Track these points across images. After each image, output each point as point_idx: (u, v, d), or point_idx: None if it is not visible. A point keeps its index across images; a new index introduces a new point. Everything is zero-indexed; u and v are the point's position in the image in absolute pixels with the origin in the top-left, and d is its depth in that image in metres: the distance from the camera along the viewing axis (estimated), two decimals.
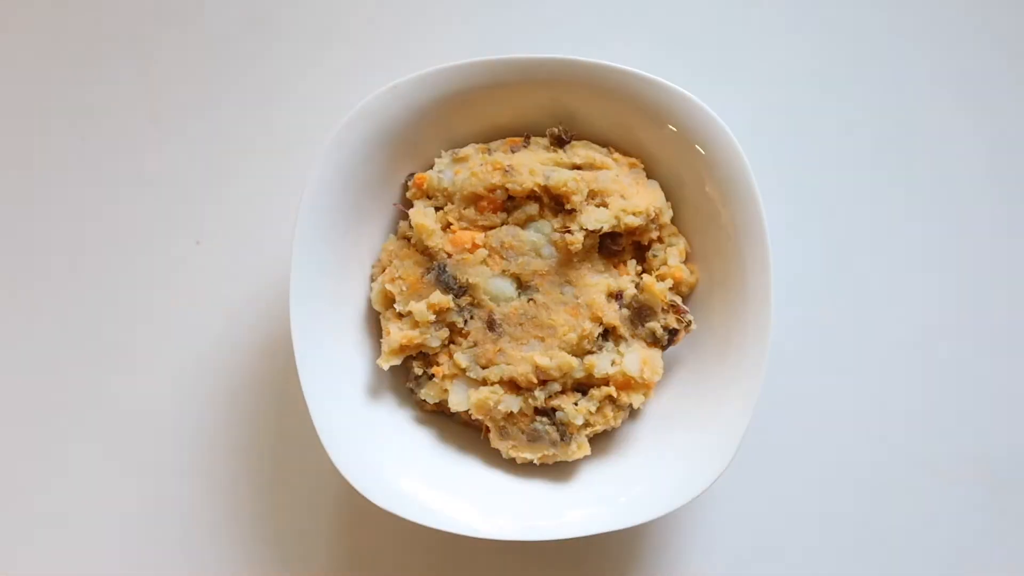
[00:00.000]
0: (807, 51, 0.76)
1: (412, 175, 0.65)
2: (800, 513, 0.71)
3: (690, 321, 0.63)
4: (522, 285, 0.63)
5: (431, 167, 0.66)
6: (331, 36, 0.76)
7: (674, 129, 0.62)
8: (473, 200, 0.63)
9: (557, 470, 0.64)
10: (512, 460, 0.63)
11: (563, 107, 0.65)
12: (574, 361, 0.61)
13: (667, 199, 0.65)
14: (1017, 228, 0.73)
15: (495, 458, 0.64)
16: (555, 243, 0.63)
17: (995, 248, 0.73)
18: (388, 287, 0.63)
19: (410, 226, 0.64)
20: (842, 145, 0.74)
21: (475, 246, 0.63)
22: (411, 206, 0.65)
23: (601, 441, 0.64)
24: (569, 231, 0.62)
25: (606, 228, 0.62)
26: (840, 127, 0.75)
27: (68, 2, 0.76)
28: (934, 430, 0.72)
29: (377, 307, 0.64)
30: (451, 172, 0.64)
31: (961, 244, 0.73)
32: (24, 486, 0.71)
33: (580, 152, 0.64)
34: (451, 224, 0.64)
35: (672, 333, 0.63)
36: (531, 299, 0.63)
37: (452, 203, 0.64)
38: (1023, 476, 0.71)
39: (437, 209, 0.64)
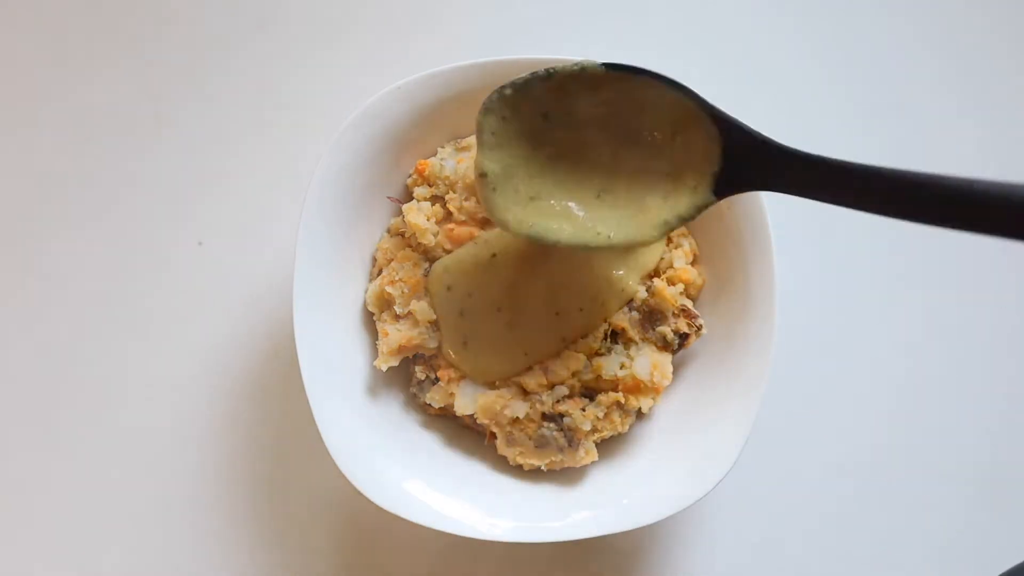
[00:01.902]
0: (812, 52, 0.76)
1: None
2: (802, 514, 0.71)
3: (700, 325, 0.63)
4: None
5: None
6: (335, 37, 0.75)
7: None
8: (474, 189, 0.62)
9: (563, 473, 0.63)
10: (519, 465, 0.63)
11: None
12: (581, 359, 0.61)
13: None
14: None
15: (500, 460, 0.64)
16: None
17: (997, 251, 0.74)
18: (388, 289, 0.63)
19: (403, 222, 0.63)
20: (846, 146, 0.75)
21: None
22: (409, 198, 0.65)
23: (606, 442, 0.64)
24: None
25: None
26: (844, 128, 0.75)
27: (70, 2, 0.76)
28: (935, 431, 0.72)
29: (372, 309, 0.64)
30: (453, 161, 0.64)
31: (963, 247, 0.74)
32: (24, 488, 0.71)
33: None
34: (452, 214, 0.63)
35: (683, 337, 0.62)
36: None
37: (453, 192, 0.63)
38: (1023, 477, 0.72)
39: (437, 199, 0.64)
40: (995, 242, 0.73)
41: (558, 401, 0.61)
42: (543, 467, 0.62)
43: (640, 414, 0.63)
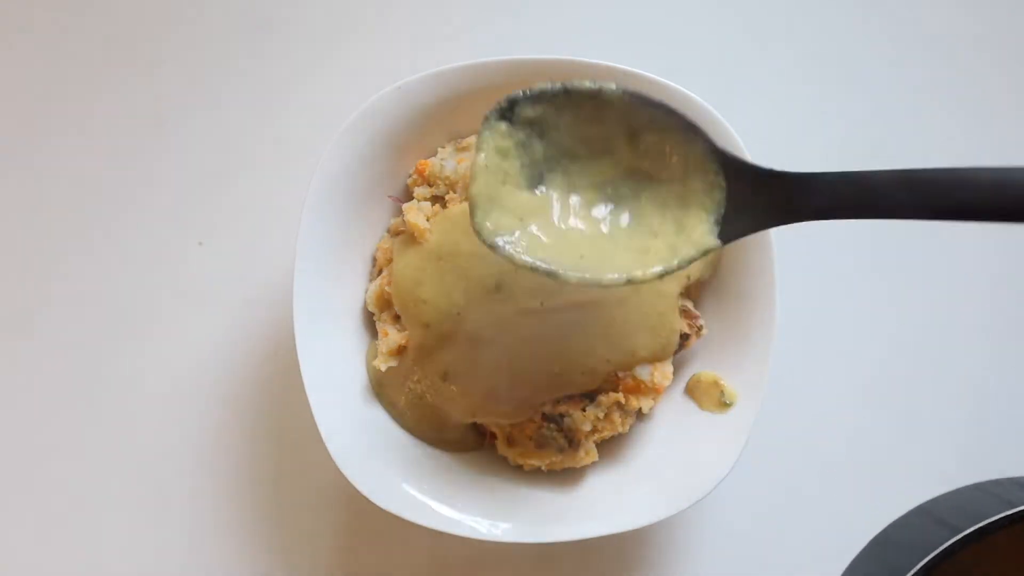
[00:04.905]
0: (812, 53, 0.76)
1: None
2: (805, 515, 0.71)
3: (701, 326, 0.63)
4: None
5: None
6: (335, 37, 0.75)
7: None
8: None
9: (563, 474, 0.63)
10: (519, 465, 0.63)
11: None
12: None
13: None
14: (1020, 228, 0.74)
15: (500, 460, 0.64)
16: None
17: (999, 248, 0.74)
18: (388, 289, 0.63)
19: (403, 221, 0.63)
20: (847, 147, 0.75)
21: None
22: (410, 198, 0.65)
23: (607, 443, 0.64)
24: None
25: None
26: (845, 129, 0.75)
27: (72, 4, 0.76)
28: (940, 432, 0.72)
29: (372, 309, 0.64)
30: (453, 161, 0.64)
31: (965, 244, 0.74)
32: (24, 487, 0.71)
33: None
34: None
35: (683, 338, 0.62)
36: None
37: (454, 191, 0.63)
38: None
39: (437, 199, 0.64)
40: (999, 242, 0.73)
41: (558, 401, 0.61)
42: (543, 467, 0.62)
43: (640, 414, 0.63)
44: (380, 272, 0.64)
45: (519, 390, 0.60)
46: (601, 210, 0.51)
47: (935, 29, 0.76)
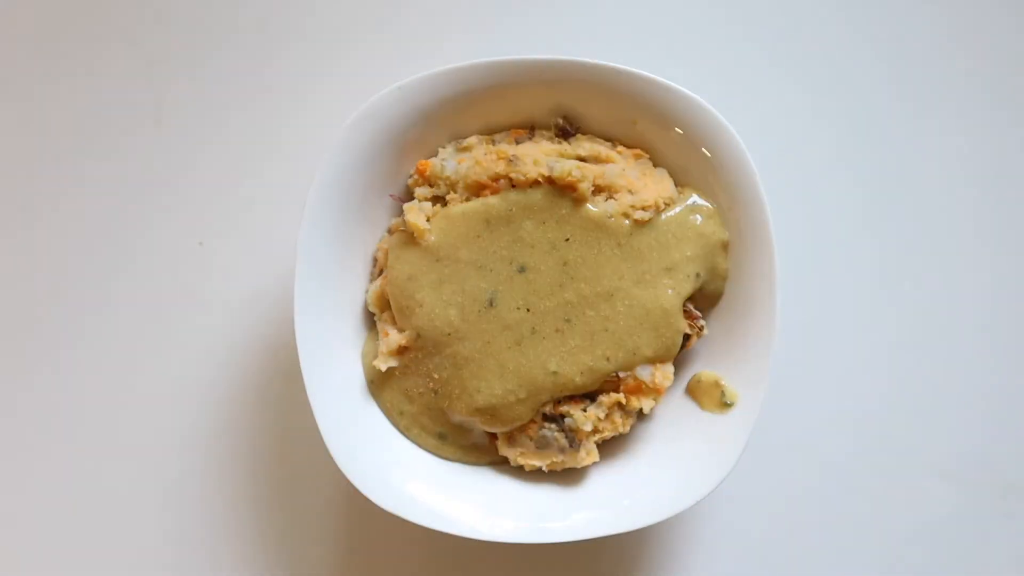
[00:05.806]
0: (812, 54, 0.76)
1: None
2: (805, 515, 0.71)
3: (702, 326, 0.63)
4: None
5: None
6: (335, 38, 0.75)
7: (680, 132, 0.62)
8: (476, 189, 0.62)
9: (564, 474, 0.63)
10: (520, 466, 0.63)
11: (568, 108, 0.65)
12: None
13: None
14: (1017, 229, 0.74)
15: (500, 461, 0.64)
16: None
17: (1000, 249, 0.74)
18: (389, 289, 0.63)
19: (403, 221, 0.63)
20: (847, 148, 0.75)
21: None
22: (410, 198, 0.64)
23: (608, 443, 0.64)
24: None
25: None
26: (845, 130, 0.75)
27: (73, 4, 0.76)
28: (940, 433, 0.72)
29: (373, 309, 0.64)
30: (454, 161, 0.64)
31: (966, 246, 0.74)
32: (26, 486, 0.71)
33: (585, 145, 0.64)
34: None
35: (685, 338, 0.62)
36: None
37: (455, 192, 0.63)
38: None
39: (438, 199, 0.64)
40: (1000, 242, 0.73)
41: (559, 402, 0.61)
42: (544, 468, 0.62)
43: (641, 415, 0.63)
44: (381, 272, 0.64)
45: (514, 395, 0.60)
46: None
47: (936, 30, 0.76)
